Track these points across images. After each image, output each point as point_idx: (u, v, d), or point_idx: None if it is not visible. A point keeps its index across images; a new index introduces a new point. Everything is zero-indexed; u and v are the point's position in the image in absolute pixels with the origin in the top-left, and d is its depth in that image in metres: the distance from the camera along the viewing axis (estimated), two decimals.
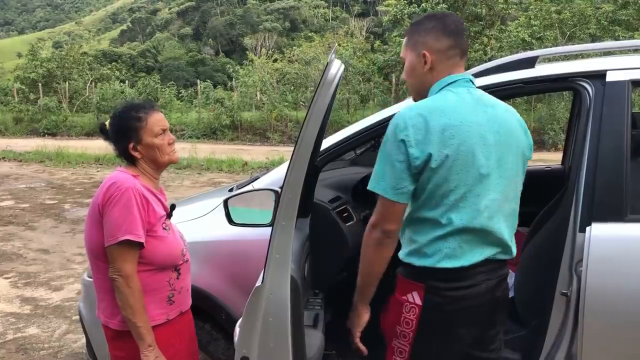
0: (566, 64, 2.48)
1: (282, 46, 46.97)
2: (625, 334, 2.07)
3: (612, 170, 2.10)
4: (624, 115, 2.14)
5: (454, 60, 1.85)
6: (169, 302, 2.12)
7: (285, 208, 1.43)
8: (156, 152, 2.12)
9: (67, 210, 8.63)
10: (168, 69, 55.63)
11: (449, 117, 1.72)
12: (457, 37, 1.85)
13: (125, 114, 2.12)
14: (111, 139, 2.15)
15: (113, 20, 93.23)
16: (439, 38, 1.83)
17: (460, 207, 1.73)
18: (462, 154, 1.70)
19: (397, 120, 1.72)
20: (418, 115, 1.70)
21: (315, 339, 1.76)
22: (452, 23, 1.85)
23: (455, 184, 1.71)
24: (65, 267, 5.82)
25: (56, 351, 3.97)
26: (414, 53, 1.87)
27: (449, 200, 1.72)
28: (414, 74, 1.89)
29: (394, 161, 1.70)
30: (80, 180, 11.47)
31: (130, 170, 2.12)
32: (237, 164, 12.94)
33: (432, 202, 1.73)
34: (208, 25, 74.47)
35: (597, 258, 2.04)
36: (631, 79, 2.19)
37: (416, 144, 1.68)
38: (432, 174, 1.70)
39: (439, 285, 1.76)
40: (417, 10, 18.18)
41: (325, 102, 1.39)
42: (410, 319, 1.78)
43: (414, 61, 1.87)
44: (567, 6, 17.83)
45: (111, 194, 1.98)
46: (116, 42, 75.99)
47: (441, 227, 1.74)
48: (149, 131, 2.09)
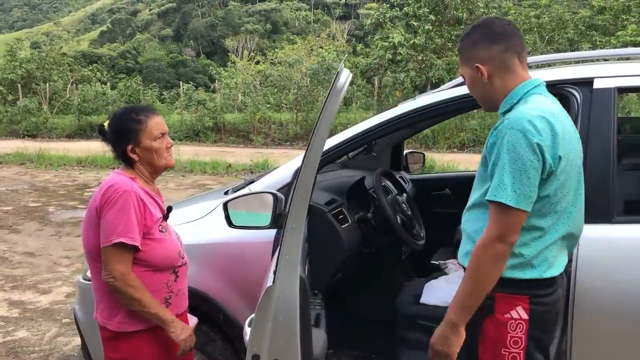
0: (555, 70, 2.57)
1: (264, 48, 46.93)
2: (613, 332, 2.16)
3: (599, 173, 2.18)
4: (611, 120, 2.23)
5: (512, 63, 1.81)
6: (166, 303, 2.14)
7: (296, 210, 1.48)
8: (154, 156, 2.13)
9: (51, 212, 8.56)
10: (149, 71, 55.23)
11: (562, 121, 1.73)
12: (507, 40, 1.81)
13: (126, 116, 2.14)
14: (109, 141, 2.16)
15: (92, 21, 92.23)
16: (488, 47, 1.81)
17: (568, 213, 1.77)
18: (572, 159, 1.74)
19: (524, 125, 1.65)
20: (542, 118, 1.66)
21: (319, 338, 1.82)
22: (497, 27, 1.83)
23: (567, 189, 1.74)
24: (52, 270, 5.79)
25: (47, 354, 3.96)
26: (469, 67, 1.86)
27: (561, 206, 1.74)
28: (476, 87, 1.89)
29: (528, 168, 1.63)
30: (64, 182, 11.38)
31: (127, 173, 2.13)
32: (221, 166, 12.92)
33: (545, 210, 1.72)
34: (189, 26, 74.08)
35: (585, 259, 2.12)
36: (617, 86, 2.28)
37: (548, 148, 1.65)
38: (554, 179, 1.69)
39: (541, 293, 1.75)
40: (399, 14, 18.34)
41: (335, 109, 1.45)
42: (518, 337, 1.74)
43: (472, 75, 1.86)
44: (546, 11, 18.15)
45: (109, 196, 2.00)
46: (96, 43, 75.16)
47: (548, 236, 1.75)
48: (148, 134, 2.11)
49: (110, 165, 13.40)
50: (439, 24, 17.47)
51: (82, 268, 3.17)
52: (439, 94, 2.63)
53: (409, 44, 17.21)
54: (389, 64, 18.09)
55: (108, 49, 67.93)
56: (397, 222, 2.80)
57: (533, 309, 1.73)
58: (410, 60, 17.60)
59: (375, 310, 3.07)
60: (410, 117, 2.59)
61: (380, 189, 2.83)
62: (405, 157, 4.10)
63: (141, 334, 2.10)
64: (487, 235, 1.68)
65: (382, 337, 2.96)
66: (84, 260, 3.14)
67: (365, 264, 3.09)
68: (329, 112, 1.45)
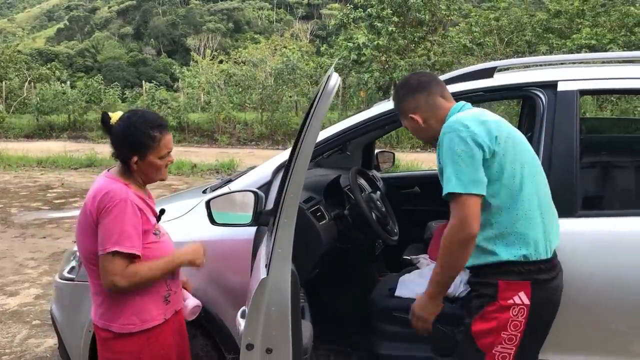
0: (521, 73, 2.72)
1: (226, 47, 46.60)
2: (578, 319, 2.30)
3: (563, 171, 2.33)
4: (574, 121, 2.38)
5: (438, 103, 2.12)
6: (166, 301, 2.18)
7: (287, 207, 1.56)
8: (153, 172, 2.14)
9: (14, 214, 8.37)
10: (108, 69, 54.12)
11: (492, 116, 2.04)
12: (427, 88, 2.12)
13: (141, 128, 2.07)
14: (114, 139, 2.11)
15: (49, 18, 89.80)
16: (413, 99, 2.13)
17: (532, 190, 1.99)
18: (513, 140, 2.01)
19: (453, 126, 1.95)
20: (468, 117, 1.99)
21: (306, 328, 1.90)
22: (414, 81, 2.16)
23: (521, 164, 1.98)
24: (18, 272, 5.70)
25: (19, 356, 3.93)
26: (406, 119, 2.18)
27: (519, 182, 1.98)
28: (420, 132, 2.18)
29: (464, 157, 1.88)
30: (25, 183, 11.12)
31: (121, 178, 2.11)
32: (185, 166, 12.82)
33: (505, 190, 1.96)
34: (149, 24, 72.94)
35: None
36: (579, 89, 2.44)
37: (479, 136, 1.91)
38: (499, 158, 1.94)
39: (541, 278, 1.93)
40: (363, 15, 18.52)
41: (325, 111, 1.53)
42: (519, 321, 1.90)
43: (412, 125, 2.17)
44: (505, 13, 18.59)
45: (105, 205, 2.00)
46: (52, 40, 73.20)
47: (518, 213, 1.95)
48: (157, 152, 2.10)
49: (72, 166, 13.18)
50: (402, 26, 17.71)
51: (59, 268, 3.16)
52: None
53: (372, 44, 17.39)
54: (353, 64, 18.25)
55: (66, 46, 66.31)
56: (373, 219, 2.91)
57: (535, 295, 1.90)
58: (374, 61, 17.79)
59: (351, 303, 3.16)
60: (385, 118, 2.69)
61: (357, 187, 2.93)
62: (376, 156, 4.22)
63: (144, 333, 2.12)
64: (450, 226, 1.87)
65: (358, 330, 3.05)
66: (64, 260, 3.15)
67: (341, 259, 3.19)
68: (318, 114, 1.53)
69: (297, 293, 1.63)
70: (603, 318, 2.31)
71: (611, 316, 2.30)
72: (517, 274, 1.91)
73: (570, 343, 2.33)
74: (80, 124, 20.67)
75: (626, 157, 3.24)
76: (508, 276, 1.91)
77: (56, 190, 10.41)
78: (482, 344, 1.95)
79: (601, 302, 2.28)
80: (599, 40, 15.54)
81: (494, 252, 1.93)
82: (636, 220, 2.38)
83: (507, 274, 1.92)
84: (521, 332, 1.89)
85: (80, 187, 10.57)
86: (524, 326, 1.89)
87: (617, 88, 2.63)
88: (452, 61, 16.92)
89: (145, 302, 2.11)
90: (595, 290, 2.26)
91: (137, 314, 2.08)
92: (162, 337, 2.16)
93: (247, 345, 1.59)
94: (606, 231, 2.34)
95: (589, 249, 2.30)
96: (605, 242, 2.32)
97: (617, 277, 2.26)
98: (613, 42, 15.45)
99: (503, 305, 1.90)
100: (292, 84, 18.91)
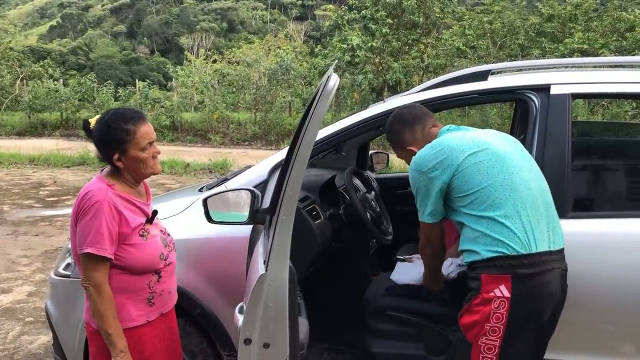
0: (515, 77, 2.76)
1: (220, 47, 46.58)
2: (569, 319, 2.34)
3: (555, 173, 2.37)
4: (566, 124, 2.42)
5: (430, 132, 2.33)
6: (149, 303, 2.16)
7: (286, 204, 1.59)
8: (139, 165, 2.12)
9: (6, 212, 8.36)
10: (101, 67, 53.88)
11: (461, 137, 2.22)
12: (421, 121, 2.35)
13: (114, 124, 2.08)
14: (95, 144, 2.13)
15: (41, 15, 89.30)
16: (411, 132, 2.35)
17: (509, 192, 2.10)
18: (489, 152, 2.15)
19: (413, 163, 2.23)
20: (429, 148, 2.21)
21: (302, 325, 1.93)
22: (409, 115, 2.38)
23: (495, 174, 2.12)
24: (11, 270, 5.69)
25: (12, 352, 3.93)
26: (404, 152, 2.40)
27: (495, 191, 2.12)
28: None
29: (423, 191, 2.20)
30: (17, 181, 11.08)
31: (107, 179, 2.12)
32: (179, 165, 12.81)
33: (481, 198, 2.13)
34: (143, 23, 72.71)
35: None
36: (571, 92, 2.48)
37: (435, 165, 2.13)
38: (470, 172, 2.13)
39: (521, 273, 2.01)
40: (357, 16, 18.57)
41: (324, 110, 1.56)
42: (500, 313, 2.00)
43: (408, 155, 2.36)
44: (498, 17, 18.70)
45: (83, 205, 2.02)
46: (45, 38, 72.80)
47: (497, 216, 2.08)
48: (135, 145, 2.08)
49: (64, 164, 13.14)
50: (396, 28, 17.76)
51: (55, 265, 3.18)
52: (408, 96, 2.78)
53: (366, 46, 17.42)
54: (347, 65, 18.28)
55: (58, 44, 65.90)
56: (367, 218, 2.94)
57: (515, 287, 1.99)
58: (367, 63, 17.84)
59: (345, 302, 3.19)
60: (381, 120, 2.72)
61: (352, 186, 2.96)
62: (370, 157, 4.25)
63: (140, 328, 2.14)
64: (421, 242, 2.35)
65: (352, 328, 3.08)
66: (59, 256, 3.16)
67: (335, 258, 3.22)
68: (318, 114, 1.57)
69: (294, 289, 1.66)
70: (595, 318, 2.35)
71: (603, 316, 2.35)
72: (499, 268, 2.02)
73: (562, 342, 2.36)
74: (72, 122, 20.59)
75: (616, 160, 3.29)
76: (490, 270, 2.03)
77: (49, 188, 10.39)
78: (469, 336, 2.07)
79: (593, 302, 2.32)
80: (591, 45, 15.67)
81: (476, 252, 2.08)
82: (626, 222, 2.43)
83: (489, 268, 2.04)
84: (504, 324, 1.99)
85: (72, 185, 10.55)
86: (506, 318, 1.99)
87: (608, 92, 2.68)
88: (445, 64, 17.00)
89: (124, 302, 2.10)
90: (587, 290, 2.30)
91: (117, 313, 2.07)
92: (145, 339, 2.16)
93: (245, 340, 1.62)
94: (596, 232, 2.39)
95: (580, 249, 2.34)
96: (595, 243, 2.36)
97: (607, 277, 2.31)
98: (605, 46, 15.58)
99: (485, 298, 2.02)
100: (286, 85, 18.92)
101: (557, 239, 2.15)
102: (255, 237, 2.56)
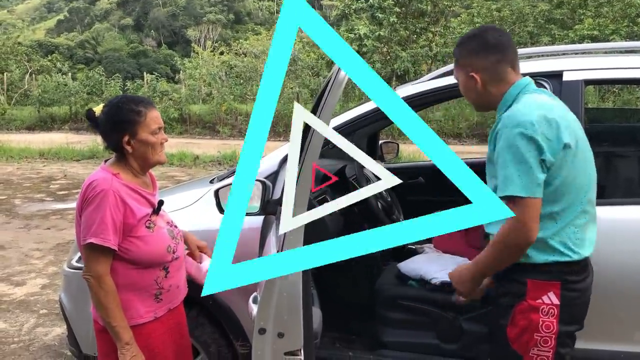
0: (527, 64, 2.73)
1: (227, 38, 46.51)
2: None
3: None
4: (579, 111, 2.39)
5: (505, 73, 1.93)
6: (156, 299, 2.12)
7: (299, 195, 1.59)
8: (149, 150, 2.06)
9: (18, 205, 8.43)
10: (109, 61, 54.01)
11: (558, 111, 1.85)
12: (502, 51, 1.92)
13: (125, 105, 2.04)
14: (102, 129, 2.07)
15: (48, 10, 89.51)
16: (484, 56, 1.92)
17: (582, 194, 1.88)
18: (578, 144, 1.85)
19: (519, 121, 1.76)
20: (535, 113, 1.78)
21: (315, 314, 1.93)
22: (492, 38, 1.93)
23: (577, 172, 1.85)
24: (24, 263, 5.75)
25: (27, 344, 3.97)
26: (463, 74, 1.99)
27: (573, 189, 1.85)
28: (469, 92, 2.01)
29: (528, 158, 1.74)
30: (27, 175, 11.17)
31: (112, 168, 2.06)
32: (188, 158, 12.85)
33: (558, 195, 1.83)
34: (149, 16, 72.71)
35: None
36: (584, 79, 2.46)
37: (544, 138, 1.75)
38: (561, 165, 1.80)
39: (571, 279, 1.85)
40: (364, 5, 18.48)
41: (335, 101, 1.56)
42: (550, 321, 1.82)
43: (466, 82, 1.98)
44: (507, 4, 18.54)
45: (87, 195, 1.97)
46: (52, 32, 73.03)
47: (563, 219, 1.84)
48: (146, 127, 2.04)
49: (74, 158, 13.21)
50: (404, 16, 17.68)
51: (68, 257, 3.20)
52: (418, 85, 2.76)
53: (374, 35, 17.37)
54: None
55: (66, 38, 66.14)
56: (379, 208, 2.94)
57: (565, 295, 1.83)
58: (375, 52, 17.79)
59: (356, 292, 3.19)
60: None
61: (363, 177, 2.96)
62: (380, 146, 4.24)
63: (148, 324, 2.10)
64: (509, 228, 1.77)
65: (362, 317, 3.09)
66: (72, 249, 3.19)
67: None
68: (329, 105, 1.56)
69: (308, 279, 1.66)
70: (609, 305, 2.34)
71: (617, 303, 2.34)
72: (547, 274, 1.84)
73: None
74: (81, 115, 20.67)
75: (629, 146, 3.26)
76: (538, 275, 1.84)
77: (59, 181, 10.46)
78: (516, 346, 1.88)
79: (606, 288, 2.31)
80: (601, 31, 15.52)
81: (526, 255, 1.84)
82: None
83: (536, 274, 1.85)
84: (555, 333, 1.83)
85: (82, 179, 10.57)
86: (556, 327, 1.83)
87: (621, 78, 2.65)
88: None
89: (131, 298, 2.05)
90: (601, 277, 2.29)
91: (124, 310, 2.02)
92: (154, 335, 2.12)
93: (260, 330, 1.62)
94: (610, 219, 2.37)
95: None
96: (609, 229, 2.35)
97: (621, 264, 2.30)
98: (615, 32, 15.42)
99: (532, 306, 1.84)
100: (294, 76, 18.89)
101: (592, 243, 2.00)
102: (266, 228, 2.56)
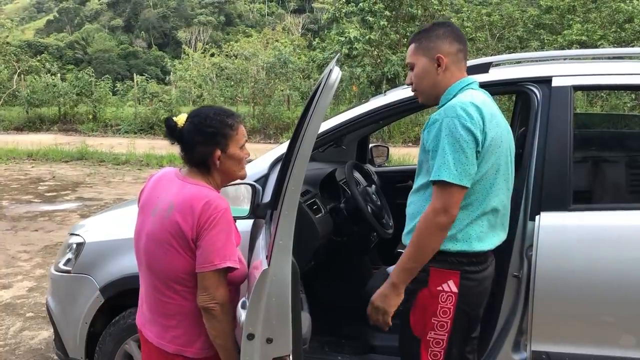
0: (516, 69, 2.75)
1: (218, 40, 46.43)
2: (570, 311, 2.35)
3: (557, 165, 2.36)
4: (568, 116, 2.41)
5: (462, 62, 2.11)
6: None
7: (288, 199, 1.58)
8: (235, 166, 1.95)
9: (5, 207, 8.34)
10: (98, 62, 53.76)
11: (490, 108, 1.97)
12: (464, 43, 2.11)
13: (218, 117, 1.91)
14: (187, 139, 1.91)
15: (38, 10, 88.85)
16: (451, 42, 2.06)
17: (496, 190, 2.00)
18: (500, 141, 1.97)
19: (457, 112, 1.88)
20: (472, 105, 1.91)
21: (305, 319, 1.93)
22: (457, 30, 2.12)
23: (496, 168, 1.98)
24: (11, 265, 5.69)
25: (13, 348, 3.93)
26: (426, 58, 2.07)
27: (488, 183, 1.97)
28: (427, 77, 2.08)
29: (465, 148, 1.86)
30: (15, 176, 11.06)
31: (202, 182, 1.91)
32: (178, 160, 12.63)
33: (473, 187, 1.93)
34: (140, 17, 72.43)
35: (545, 243, 2.30)
36: (573, 85, 2.46)
37: (478, 130, 1.88)
38: (485, 158, 1.93)
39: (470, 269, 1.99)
40: (355, 9, 18.51)
41: (327, 104, 1.55)
42: (447, 307, 1.96)
43: (427, 65, 2.07)
44: (497, 9, 18.66)
45: (211, 215, 1.79)
46: (42, 32, 72.50)
47: (471, 211, 1.97)
48: (236, 141, 1.93)
49: (62, 159, 13.09)
50: (394, 20, 17.73)
51: (55, 260, 3.17)
52: (409, 89, 2.76)
53: (364, 39, 17.39)
54: (345, 58, 18.25)
55: (55, 38, 65.62)
56: (369, 212, 2.93)
57: (463, 284, 1.96)
58: (366, 55, 17.81)
59: (345, 295, 3.19)
60: (382, 112, 2.71)
61: (353, 180, 2.96)
62: (370, 150, 4.24)
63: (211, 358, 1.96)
64: (431, 209, 1.89)
65: (351, 322, 3.08)
66: (60, 252, 3.15)
67: (336, 251, 3.22)
68: (320, 108, 1.55)
69: (297, 284, 1.65)
70: (594, 310, 2.34)
71: (602, 308, 2.34)
72: (449, 264, 1.96)
73: (563, 336, 2.37)
74: (70, 116, 20.56)
75: (618, 152, 3.28)
76: (439, 264, 1.96)
77: (47, 183, 10.37)
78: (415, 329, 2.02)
79: (593, 294, 2.32)
80: (589, 37, 15.65)
81: None
82: (627, 214, 2.42)
83: (439, 262, 1.96)
84: (451, 319, 1.96)
85: (71, 180, 10.54)
86: (453, 312, 1.96)
87: (609, 84, 2.66)
88: None
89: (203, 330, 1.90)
90: (587, 282, 2.30)
91: (195, 342, 1.91)
92: None
93: (248, 335, 1.61)
94: (598, 225, 2.38)
95: (580, 242, 2.34)
96: (597, 235, 2.36)
97: (607, 270, 2.30)
98: (604, 38, 15.57)
99: (433, 292, 1.97)
100: (284, 78, 18.90)
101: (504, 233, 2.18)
102: (256, 232, 2.55)
